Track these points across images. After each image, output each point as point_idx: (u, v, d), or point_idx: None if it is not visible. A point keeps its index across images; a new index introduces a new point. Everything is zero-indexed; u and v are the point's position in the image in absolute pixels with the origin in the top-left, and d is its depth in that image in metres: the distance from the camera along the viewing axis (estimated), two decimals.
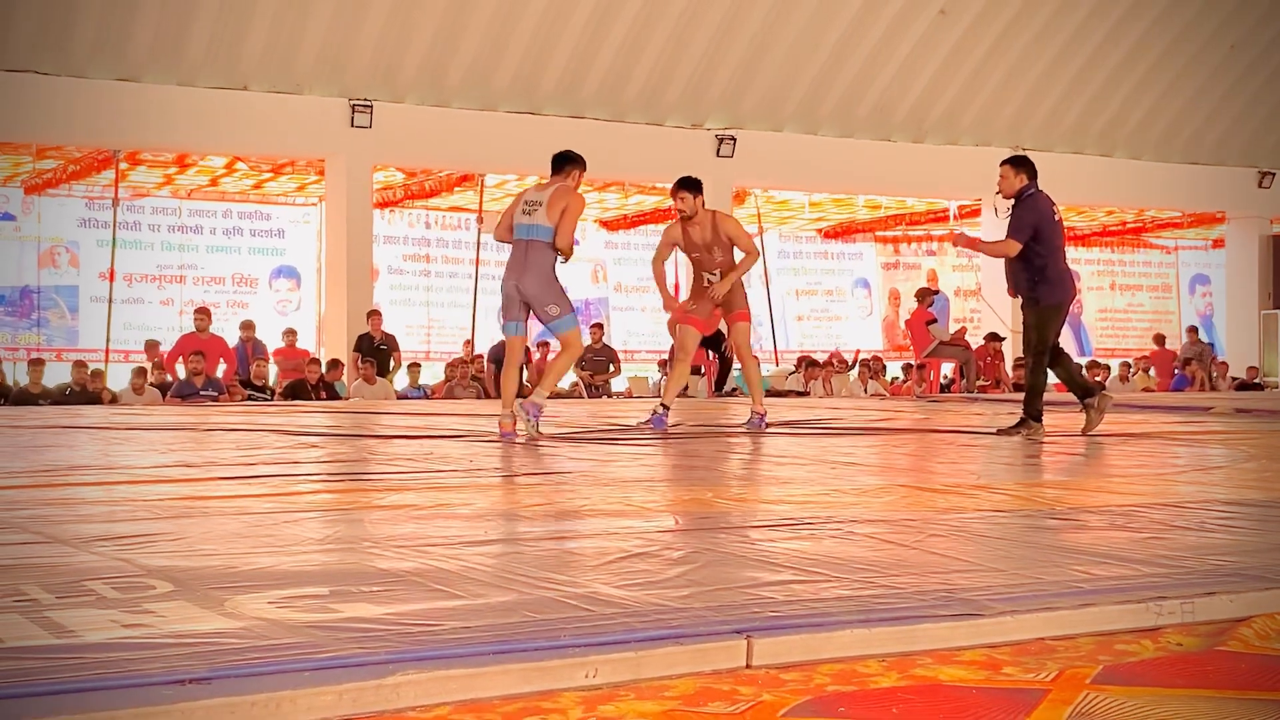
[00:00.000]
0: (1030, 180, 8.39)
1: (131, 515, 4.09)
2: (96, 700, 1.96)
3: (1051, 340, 8.36)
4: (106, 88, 15.59)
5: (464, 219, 20.81)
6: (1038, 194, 8.36)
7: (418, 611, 2.57)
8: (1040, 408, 8.27)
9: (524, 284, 7.61)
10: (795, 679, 2.30)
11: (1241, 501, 4.79)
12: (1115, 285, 26.08)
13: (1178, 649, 2.58)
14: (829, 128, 19.62)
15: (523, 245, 7.68)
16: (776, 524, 3.95)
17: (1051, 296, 8.27)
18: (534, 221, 7.67)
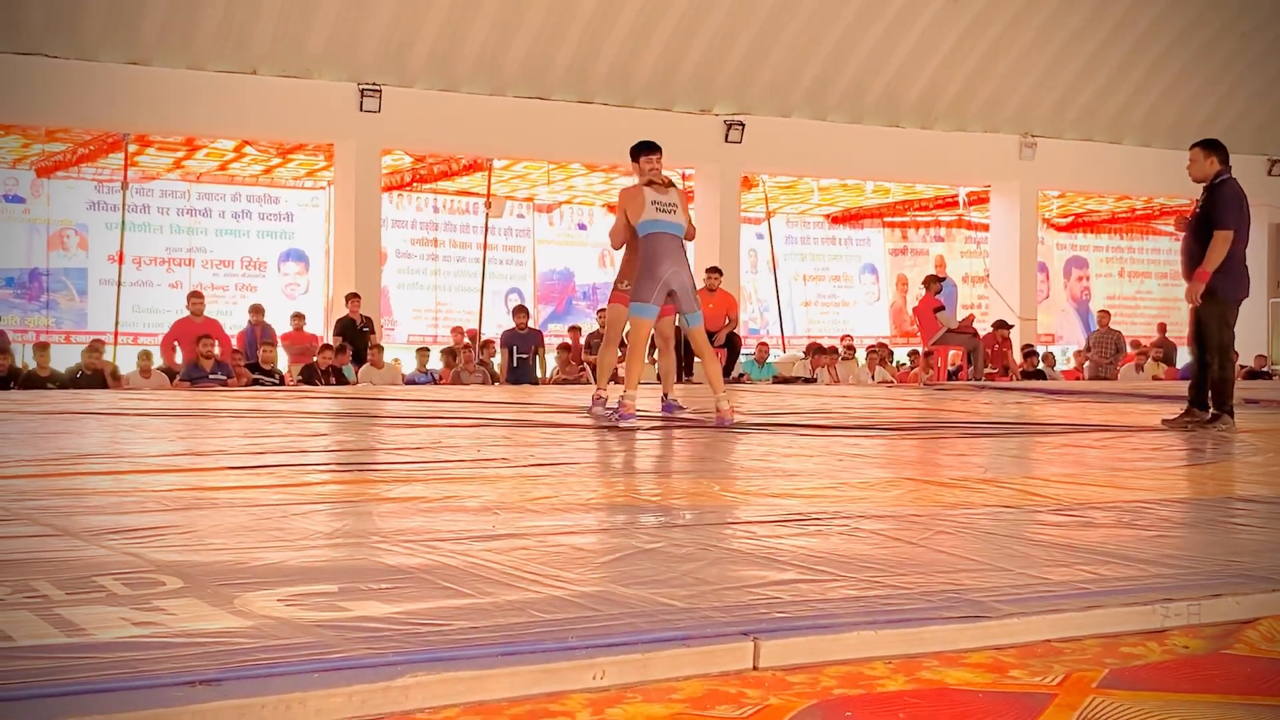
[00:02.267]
0: (1224, 165, 8.07)
1: (140, 507, 4.10)
2: (109, 702, 1.97)
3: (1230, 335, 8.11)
4: (116, 71, 15.61)
5: (472, 203, 20.82)
6: (1232, 179, 8.07)
7: (426, 610, 2.58)
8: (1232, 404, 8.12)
9: (685, 275, 8.05)
10: (802, 681, 2.31)
11: (1248, 498, 4.79)
12: (1124, 272, 26.06)
13: (1184, 652, 2.58)
14: (837, 113, 19.58)
15: (677, 240, 8.09)
16: (783, 519, 3.96)
17: (1232, 290, 8.02)
18: (679, 220, 8.14)
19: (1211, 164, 8.05)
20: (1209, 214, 7.93)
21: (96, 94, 15.58)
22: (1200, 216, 8.00)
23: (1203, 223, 7.97)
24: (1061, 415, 9.69)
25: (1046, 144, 20.90)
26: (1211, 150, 8.10)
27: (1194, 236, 8.04)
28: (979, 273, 23.94)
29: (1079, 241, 26.07)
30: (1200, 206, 8.04)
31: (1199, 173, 8.11)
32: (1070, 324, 25.85)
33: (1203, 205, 8.01)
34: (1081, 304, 26.15)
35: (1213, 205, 7.95)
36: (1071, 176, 21.75)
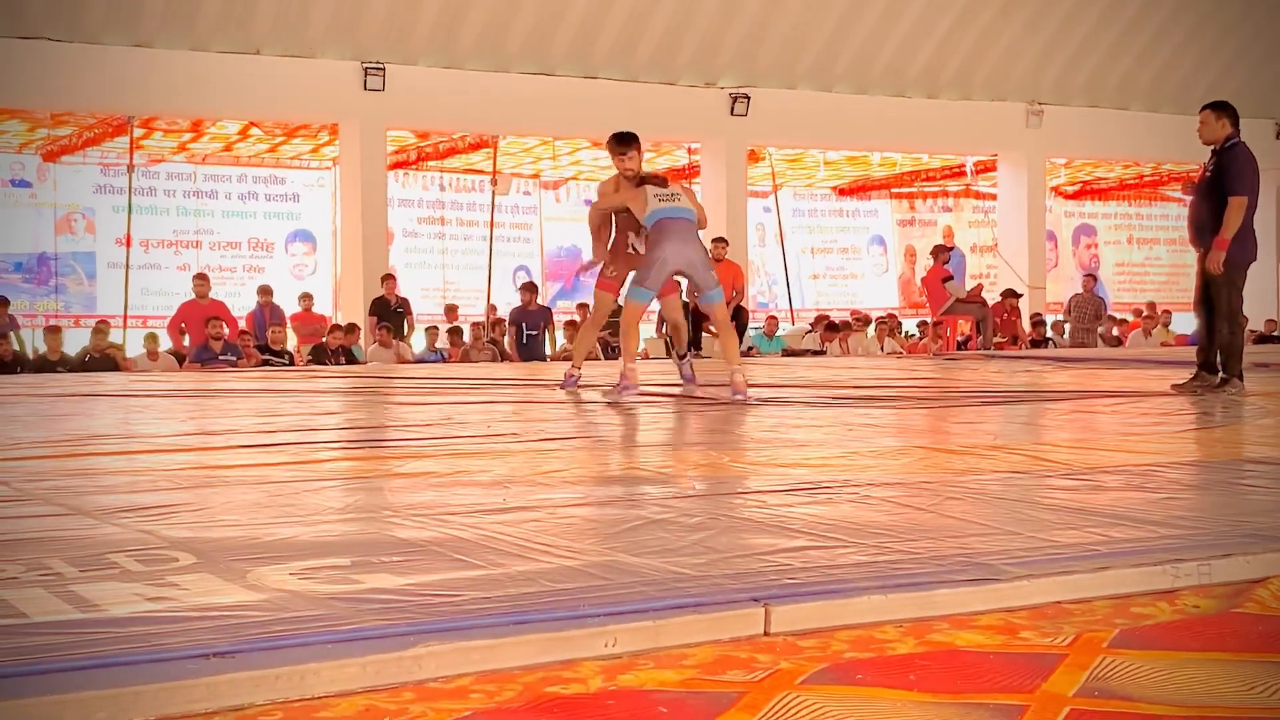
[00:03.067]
0: (1235, 127, 7.99)
1: (153, 485, 4.11)
2: (123, 675, 1.98)
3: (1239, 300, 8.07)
4: (120, 54, 15.59)
5: (478, 181, 20.80)
6: (1243, 143, 8.00)
7: (438, 582, 2.59)
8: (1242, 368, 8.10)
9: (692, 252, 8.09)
10: (813, 646, 2.32)
11: (1258, 460, 4.79)
12: (1133, 239, 25.99)
13: (1194, 611, 2.59)
14: (844, 84, 19.52)
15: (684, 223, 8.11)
16: (793, 488, 3.96)
17: (1242, 255, 7.94)
18: (685, 205, 8.21)
19: (1223, 126, 7.97)
20: (1221, 178, 7.87)
21: (100, 77, 15.58)
22: (1211, 181, 7.94)
23: (1214, 187, 7.90)
24: (1071, 382, 9.69)
25: (1053, 111, 20.82)
26: (1223, 112, 8.02)
27: (1204, 201, 7.98)
28: (987, 242, 23.88)
29: (1087, 209, 25.99)
30: (1211, 170, 7.97)
31: (1210, 135, 8.02)
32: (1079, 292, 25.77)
33: (1214, 169, 7.94)
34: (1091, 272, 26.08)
35: (1225, 170, 7.88)
36: (1079, 144, 21.67)
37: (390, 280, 16.71)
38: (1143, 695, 2.02)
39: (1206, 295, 8.09)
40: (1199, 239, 8.04)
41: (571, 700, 2.02)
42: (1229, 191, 7.81)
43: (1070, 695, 2.02)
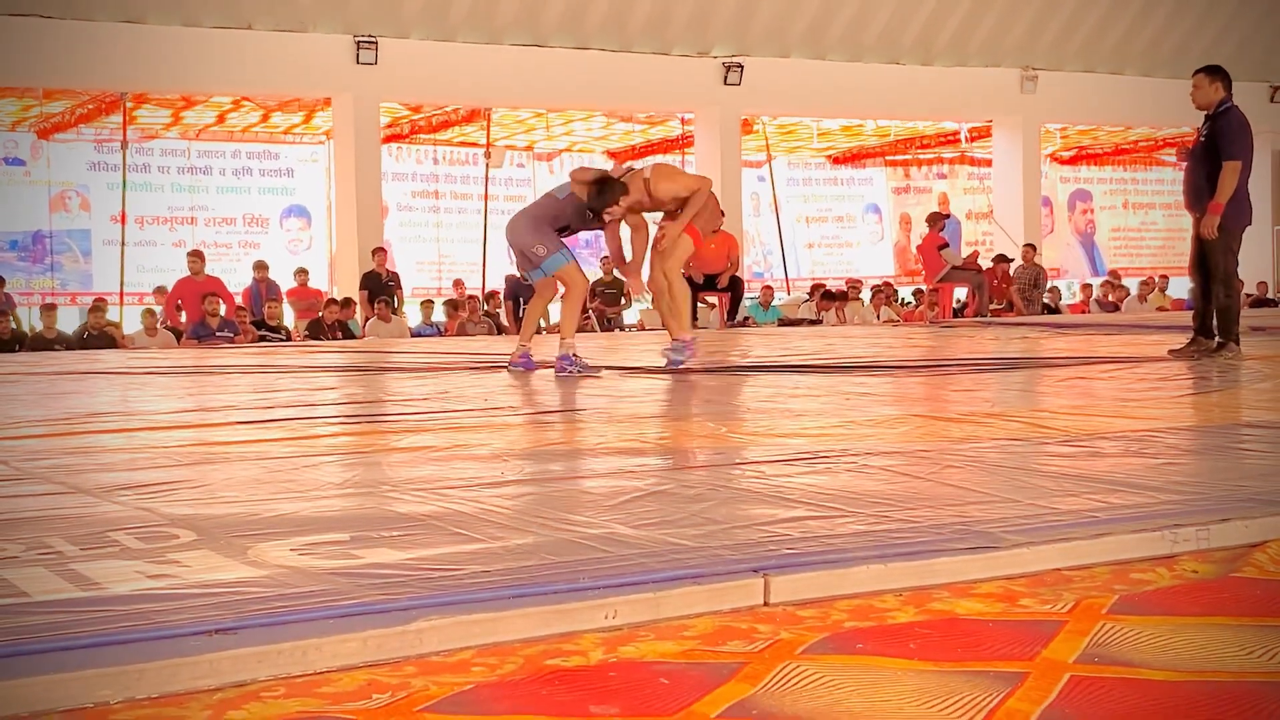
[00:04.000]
0: (1228, 92, 7.98)
1: (152, 463, 4.12)
2: (126, 653, 1.99)
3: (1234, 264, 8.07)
4: (111, 30, 15.53)
5: (472, 154, 20.75)
6: (1236, 107, 7.98)
7: (438, 556, 2.59)
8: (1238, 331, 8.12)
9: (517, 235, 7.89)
10: (813, 616, 2.32)
11: (1256, 424, 4.80)
12: (1128, 204, 25.96)
13: (1193, 576, 2.60)
14: (837, 52, 19.45)
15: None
16: (791, 458, 3.97)
17: (1237, 219, 7.95)
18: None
19: (1216, 90, 7.96)
20: (1216, 143, 7.87)
21: (93, 54, 15.51)
22: (1206, 145, 7.94)
23: (1209, 152, 7.90)
24: (1068, 348, 9.69)
25: (1048, 77, 20.76)
26: (1216, 76, 8.01)
27: (1199, 166, 7.99)
28: (983, 209, 23.85)
29: (1083, 174, 25.95)
30: (1205, 135, 7.97)
31: (1204, 100, 8.01)
32: (1075, 258, 25.77)
33: (1208, 134, 7.94)
34: (1086, 237, 26.07)
35: (1219, 134, 7.88)
36: (1073, 109, 21.61)
37: (381, 253, 16.66)
38: (1142, 661, 2.03)
39: (1202, 260, 8.09)
40: (1194, 204, 8.04)
41: (572, 672, 2.03)
42: (1223, 156, 7.82)
43: (1070, 662, 2.03)
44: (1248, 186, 7.96)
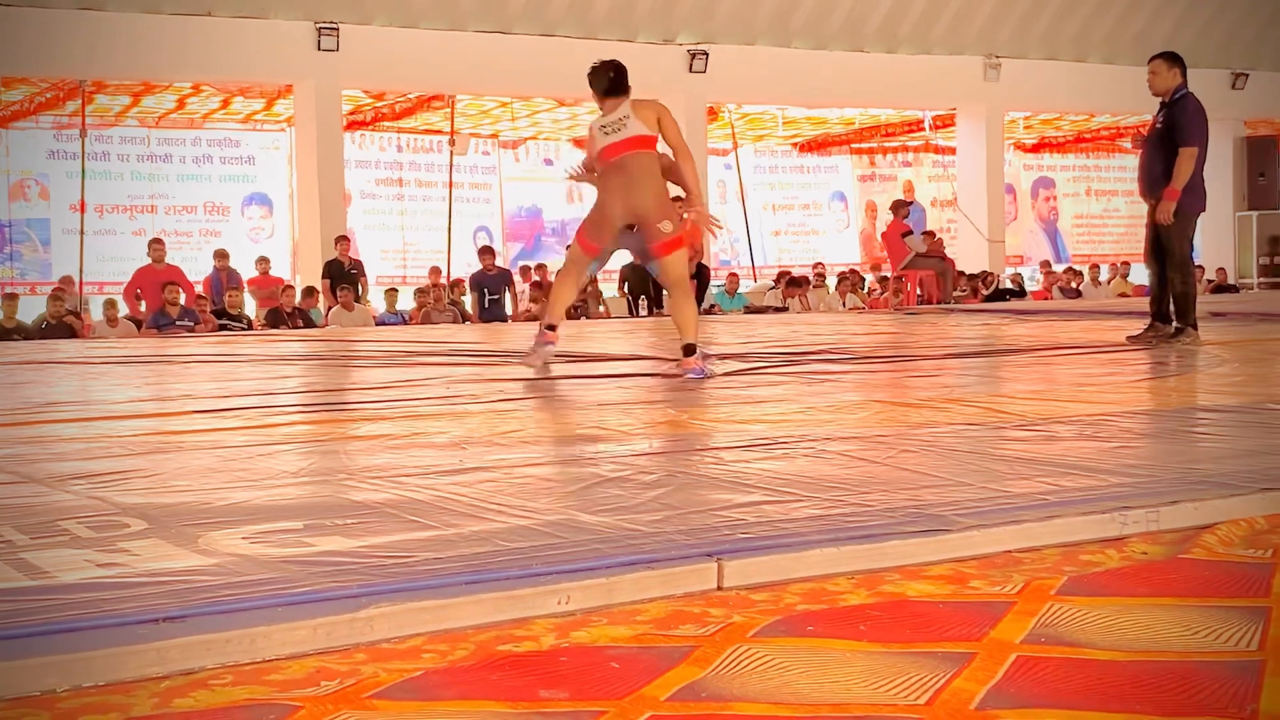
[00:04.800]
0: (1184, 79, 7.99)
1: (107, 452, 4.09)
2: (73, 641, 1.98)
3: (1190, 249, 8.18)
4: (70, 17, 15.38)
5: (436, 141, 20.65)
6: (1192, 93, 8.00)
7: (391, 544, 2.59)
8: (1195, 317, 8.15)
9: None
10: (765, 599, 2.33)
11: (1212, 408, 4.84)
12: (1091, 191, 26.10)
13: (1142, 558, 2.62)
14: (801, 40, 19.46)
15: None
16: (750, 444, 3.98)
17: (1193, 205, 7.99)
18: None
19: (1174, 76, 7.98)
20: (1172, 130, 7.91)
21: (51, 41, 15.35)
22: (1162, 132, 7.97)
23: (1165, 138, 7.94)
24: (1029, 335, 9.74)
25: (1011, 65, 20.82)
26: (1174, 63, 8.03)
27: (1155, 153, 8.02)
28: (947, 196, 23.93)
29: (1046, 162, 26.07)
30: (1162, 122, 8.00)
31: (1161, 85, 8.03)
32: (1039, 244, 25.90)
33: (1165, 120, 7.98)
34: (1049, 224, 26.19)
35: (1176, 120, 7.92)
36: (1036, 97, 21.69)
37: (344, 242, 16.58)
38: (1089, 641, 2.04)
39: (1158, 246, 8.14)
40: (1150, 190, 8.06)
41: (524, 658, 2.03)
42: (1180, 142, 7.86)
43: (1017, 642, 2.04)
44: (1203, 173, 8.01)
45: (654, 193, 6.41)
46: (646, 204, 6.38)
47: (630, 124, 6.43)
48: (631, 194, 6.38)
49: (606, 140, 6.51)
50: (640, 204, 6.38)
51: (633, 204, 6.38)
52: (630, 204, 6.39)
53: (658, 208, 6.41)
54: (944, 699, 1.80)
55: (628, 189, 6.39)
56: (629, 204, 6.39)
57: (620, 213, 6.44)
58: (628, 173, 6.40)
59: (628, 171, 6.40)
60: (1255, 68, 22.62)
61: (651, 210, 6.39)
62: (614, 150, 6.46)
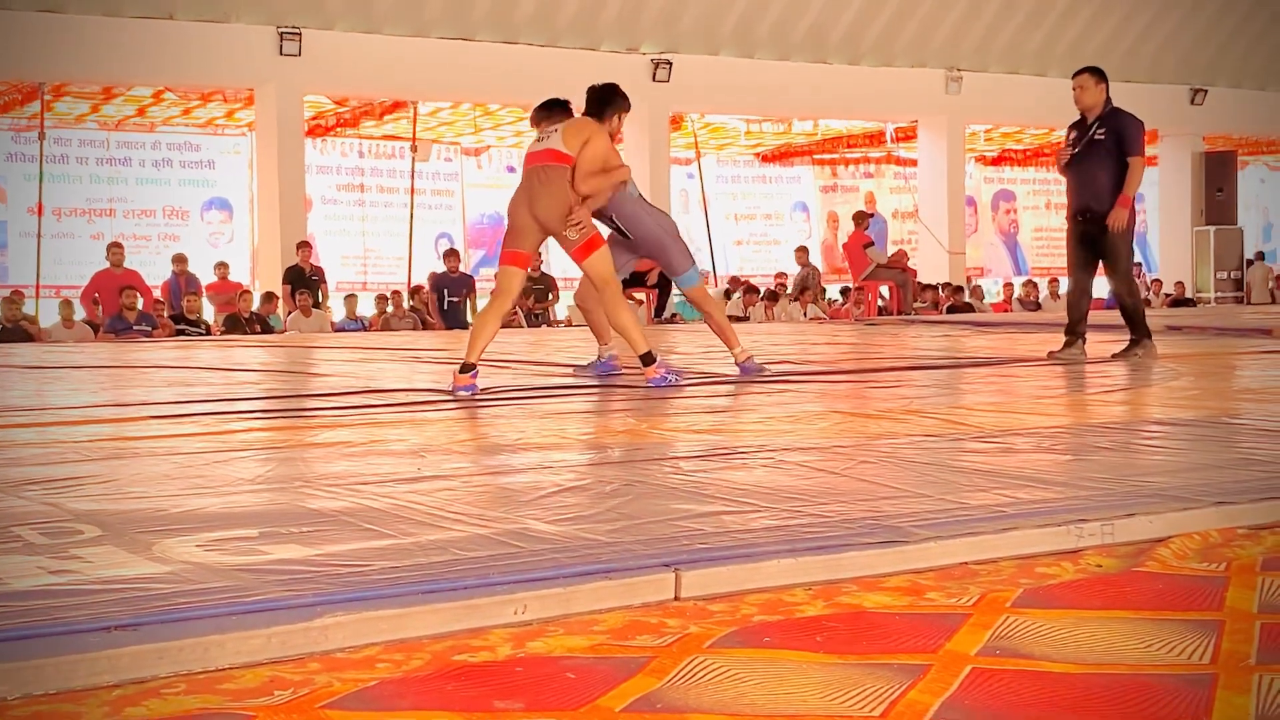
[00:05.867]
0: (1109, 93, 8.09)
1: (61, 457, 4.05)
2: (23, 649, 1.96)
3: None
4: (29, 19, 15.25)
5: (398, 148, 20.61)
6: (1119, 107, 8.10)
7: (347, 552, 2.58)
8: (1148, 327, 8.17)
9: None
10: (722, 610, 2.33)
11: (1168, 421, 4.87)
12: (1050, 204, 26.28)
13: (1097, 570, 2.64)
14: (765, 50, 19.52)
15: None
16: (709, 454, 3.98)
17: (1133, 216, 8.08)
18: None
19: (1102, 91, 8.05)
20: (1120, 141, 7.93)
21: (9, 42, 15.21)
22: (1106, 144, 7.94)
23: (1111, 150, 7.94)
24: (989, 347, 9.80)
25: (972, 78, 20.96)
26: (1102, 78, 8.11)
27: (1099, 164, 7.96)
28: (908, 208, 24.05)
29: (1006, 175, 26.25)
30: (1102, 134, 7.97)
31: (1090, 100, 8.06)
32: (999, 257, 26.08)
33: (1105, 134, 7.99)
34: (1009, 237, 26.37)
35: (1123, 131, 7.96)
36: (998, 110, 21.84)
37: (306, 248, 16.53)
38: (1043, 654, 2.05)
39: (1089, 259, 8.16)
40: (1095, 201, 7.98)
41: (479, 668, 2.02)
42: (1129, 153, 7.92)
43: (972, 654, 2.05)
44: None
45: (557, 203, 6.46)
46: (549, 214, 6.46)
47: (553, 138, 6.55)
48: (535, 203, 6.47)
49: (529, 149, 6.69)
50: (543, 214, 6.46)
51: (536, 213, 6.47)
52: (535, 212, 6.47)
53: (561, 216, 6.47)
54: (899, 710, 1.81)
55: (531, 199, 6.47)
56: (534, 212, 6.47)
57: (527, 220, 6.50)
58: (533, 183, 6.49)
59: (534, 182, 6.49)
60: (1214, 84, 22.86)
61: (555, 220, 6.48)
62: (531, 159, 6.60)
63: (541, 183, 6.46)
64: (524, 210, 6.50)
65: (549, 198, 6.44)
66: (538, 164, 6.51)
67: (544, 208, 6.45)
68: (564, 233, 6.49)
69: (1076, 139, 8.14)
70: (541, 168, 6.49)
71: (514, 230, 6.57)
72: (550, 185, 6.45)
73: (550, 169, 6.48)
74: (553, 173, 6.47)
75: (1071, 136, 8.22)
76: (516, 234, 6.55)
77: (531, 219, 6.48)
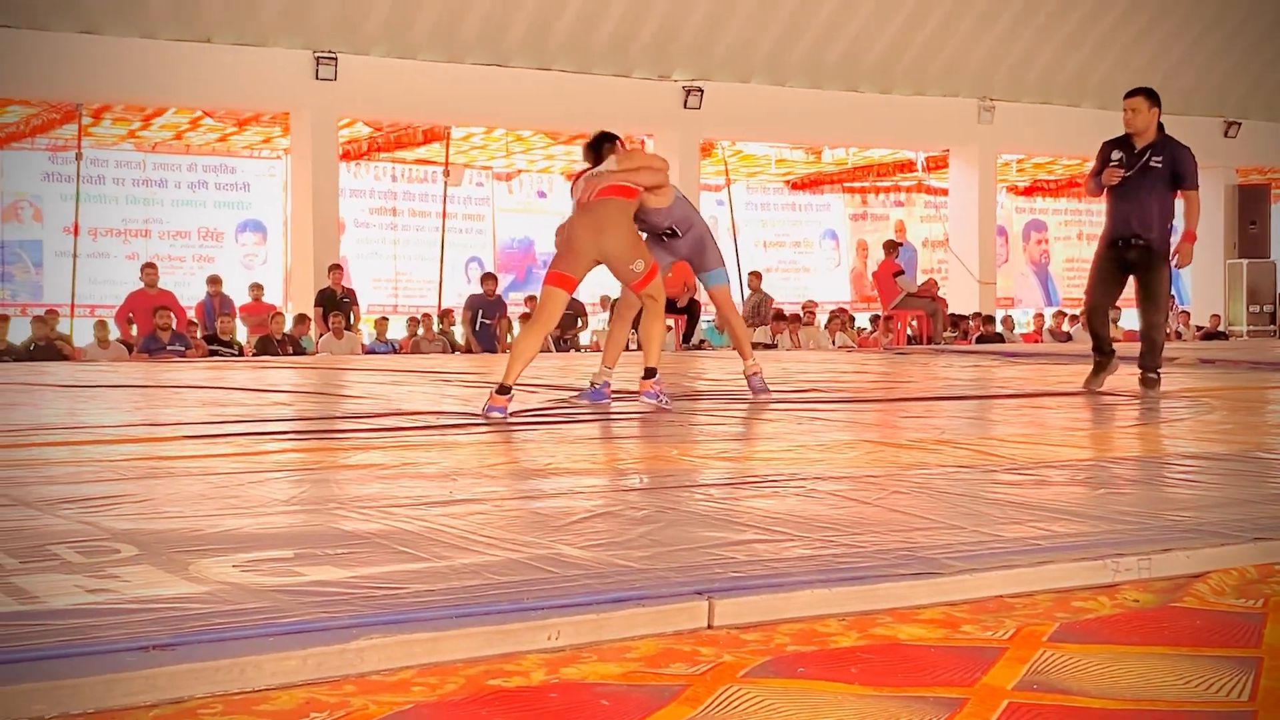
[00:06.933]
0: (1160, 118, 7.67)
1: (97, 476, 4.08)
2: (61, 668, 1.97)
3: None
4: (68, 40, 15.41)
5: (431, 172, 20.72)
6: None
7: (381, 575, 2.58)
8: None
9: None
10: (756, 639, 2.32)
11: (1202, 455, 4.84)
12: (1082, 235, 26.20)
13: (1134, 606, 2.62)
14: (797, 79, 19.56)
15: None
16: (740, 481, 3.98)
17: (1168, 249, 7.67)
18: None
19: (1155, 115, 7.64)
20: (1176, 171, 7.54)
21: (48, 64, 15.38)
22: (1162, 172, 7.53)
23: (1167, 179, 7.55)
24: (1020, 377, 9.76)
25: (1005, 107, 20.95)
26: (1157, 101, 7.71)
27: (1151, 192, 7.56)
28: (939, 237, 24.01)
29: (1038, 205, 26.19)
30: (1158, 164, 7.54)
31: (1143, 123, 7.61)
32: (1030, 288, 25.99)
33: (1162, 163, 7.54)
34: (1040, 267, 26.29)
35: (1181, 163, 7.55)
36: (1030, 140, 21.82)
37: (338, 271, 16.63)
38: (1081, 689, 2.04)
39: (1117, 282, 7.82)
40: (1143, 230, 7.57)
41: (513, 693, 2.02)
42: (1189, 186, 7.56)
43: (1009, 688, 2.04)
44: None
45: (622, 236, 6.61)
46: (617, 248, 6.59)
47: (610, 175, 6.67)
48: (601, 235, 6.55)
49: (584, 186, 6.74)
50: (611, 247, 6.58)
51: (601, 244, 6.56)
52: (599, 244, 6.56)
53: (628, 250, 6.62)
54: None
55: (598, 231, 6.56)
56: (599, 243, 6.56)
57: (589, 249, 6.58)
58: (598, 215, 6.58)
59: (599, 214, 6.58)
60: (1248, 116, 22.79)
61: (621, 253, 6.61)
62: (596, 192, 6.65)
63: (610, 214, 6.57)
64: (588, 237, 6.57)
65: (618, 231, 6.57)
66: (601, 198, 6.59)
67: (613, 241, 6.56)
68: (630, 266, 6.63)
69: (1126, 161, 7.64)
70: (604, 200, 6.58)
71: (571, 254, 6.62)
72: (618, 215, 6.59)
73: (615, 201, 6.60)
74: (617, 205, 6.60)
75: (1117, 157, 7.68)
76: (573, 258, 6.61)
77: (595, 248, 6.57)
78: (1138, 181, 7.61)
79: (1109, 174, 7.64)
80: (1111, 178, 7.66)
